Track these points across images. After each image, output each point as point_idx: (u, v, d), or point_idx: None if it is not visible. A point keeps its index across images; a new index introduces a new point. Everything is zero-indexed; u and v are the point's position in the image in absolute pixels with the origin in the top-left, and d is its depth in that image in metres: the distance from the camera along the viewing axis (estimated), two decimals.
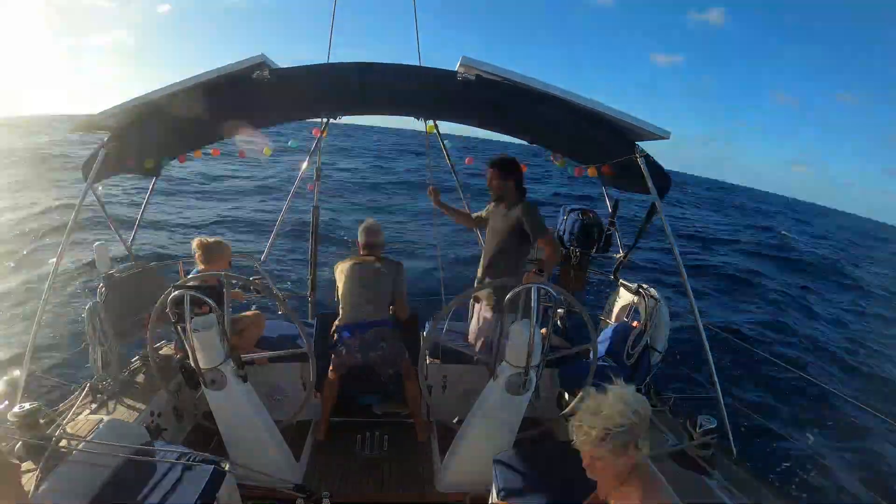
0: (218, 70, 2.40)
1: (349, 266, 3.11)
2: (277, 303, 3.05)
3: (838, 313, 12.00)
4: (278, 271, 9.95)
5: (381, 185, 23.70)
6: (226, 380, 2.43)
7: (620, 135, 2.72)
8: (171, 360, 3.24)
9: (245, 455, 2.55)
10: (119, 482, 1.96)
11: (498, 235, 3.05)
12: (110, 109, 2.53)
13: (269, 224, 7.64)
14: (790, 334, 9.62)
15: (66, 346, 6.52)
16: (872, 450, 5.90)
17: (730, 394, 6.73)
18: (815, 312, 11.48)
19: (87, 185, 2.75)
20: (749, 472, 2.38)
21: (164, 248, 11.19)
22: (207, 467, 2.01)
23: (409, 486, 2.83)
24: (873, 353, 9.53)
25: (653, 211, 3.12)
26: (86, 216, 7.32)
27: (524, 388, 2.42)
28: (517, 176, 3.05)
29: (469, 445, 2.64)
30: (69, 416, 2.47)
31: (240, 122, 3.29)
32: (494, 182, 3.06)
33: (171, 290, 2.38)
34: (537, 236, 2.88)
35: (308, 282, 4.76)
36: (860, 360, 8.96)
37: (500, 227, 3.04)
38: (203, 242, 3.07)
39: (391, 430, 3.25)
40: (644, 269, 10.57)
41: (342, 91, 2.90)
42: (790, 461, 5.26)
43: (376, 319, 2.99)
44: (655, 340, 3.25)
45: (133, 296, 3.24)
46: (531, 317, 2.34)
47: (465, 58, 2.42)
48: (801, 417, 6.46)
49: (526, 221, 2.89)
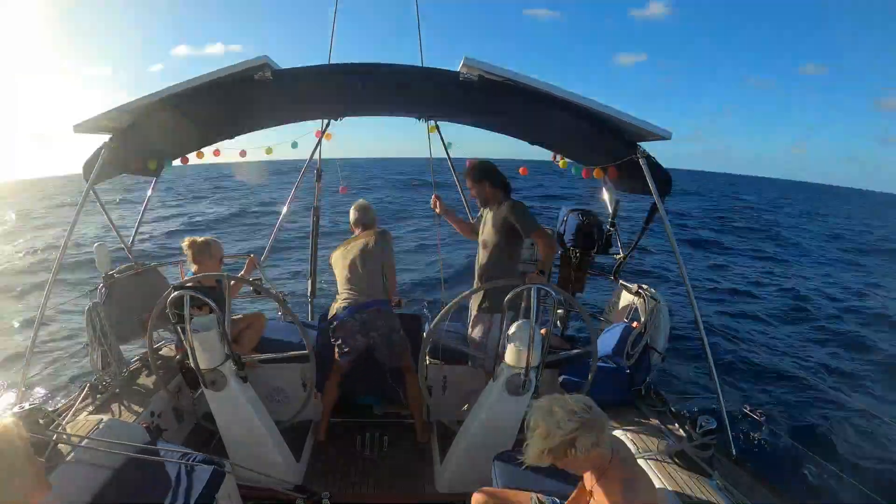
0: (220, 71, 2.40)
1: (340, 252, 3.13)
2: (277, 303, 3.05)
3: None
4: (278, 272, 9.96)
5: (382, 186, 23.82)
6: (226, 380, 2.43)
7: (622, 135, 2.72)
8: (171, 360, 3.24)
9: (245, 455, 2.55)
10: (119, 482, 1.96)
11: (488, 238, 3.04)
12: (112, 110, 2.53)
13: (269, 224, 7.65)
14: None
15: (66, 346, 6.52)
16: (872, 449, 5.90)
17: (730, 394, 6.74)
18: None
19: (88, 185, 2.75)
20: (749, 472, 2.37)
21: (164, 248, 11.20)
22: (207, 468, 2.01)
23: (409, 486, 2.83)
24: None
25: (654, 211, 3.12)
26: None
27: (524, 389, 2.42)
28: (490, 178, 3.01)
29: (469, 445, 2.63)
30: (69, 416, 2.47)
31: (242, 123, 3.29)
32: (473, 190, 3.06)
33: (171, 291, 2.38)
34: (528, 232, 2.85)
35: (308, 282, 4.77)
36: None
37: (490, 230, 3.02)
38: (193, 241, 3.07)
39: (391, 431, 3.25)
40: (651, 276, 10.62)
41: (344, 92, 2.90)
42: (790, 461, 5.26)
43: (373, 300, 2.97)
44: (655, 341, 3.25)
45: (133, 296, 3.24)
46: (531, 317, 2.34)
47: (468, 58, 2.41)
48: (801, 418, 6.46)
49: (514, 220, 2.86)
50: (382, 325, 2.97)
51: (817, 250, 20.23)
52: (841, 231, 29.25)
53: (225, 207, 17.94)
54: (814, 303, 11.70)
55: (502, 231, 2.94)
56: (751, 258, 16.98)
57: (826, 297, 12.37)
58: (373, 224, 3.22)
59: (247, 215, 16.62)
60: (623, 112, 2.54)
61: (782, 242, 21.49)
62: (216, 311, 2.43)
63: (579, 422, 1.40)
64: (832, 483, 5.03)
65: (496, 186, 3.02)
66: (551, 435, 1.40)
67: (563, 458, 1.43)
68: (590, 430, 1.40)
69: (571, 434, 1.39)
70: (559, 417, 1.40)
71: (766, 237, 22.47)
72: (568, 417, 1.40)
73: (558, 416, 1.41)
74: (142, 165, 3.27)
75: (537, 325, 2.35)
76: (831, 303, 11.94)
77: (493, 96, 2.63)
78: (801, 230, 27.54)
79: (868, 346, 9.12)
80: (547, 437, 1.41)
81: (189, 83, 2.41)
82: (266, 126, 3.46)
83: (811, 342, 9.31)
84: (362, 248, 3.05)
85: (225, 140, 3.45)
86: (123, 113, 2.56)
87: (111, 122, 2.64)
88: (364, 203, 3.28)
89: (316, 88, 2.82)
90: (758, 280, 13.63)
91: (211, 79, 2.41)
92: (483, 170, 3.02)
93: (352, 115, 3.62)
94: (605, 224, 3.89)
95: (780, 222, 30.22)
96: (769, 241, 21.42)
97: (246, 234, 14.06)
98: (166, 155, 3.35)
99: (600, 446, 1.43)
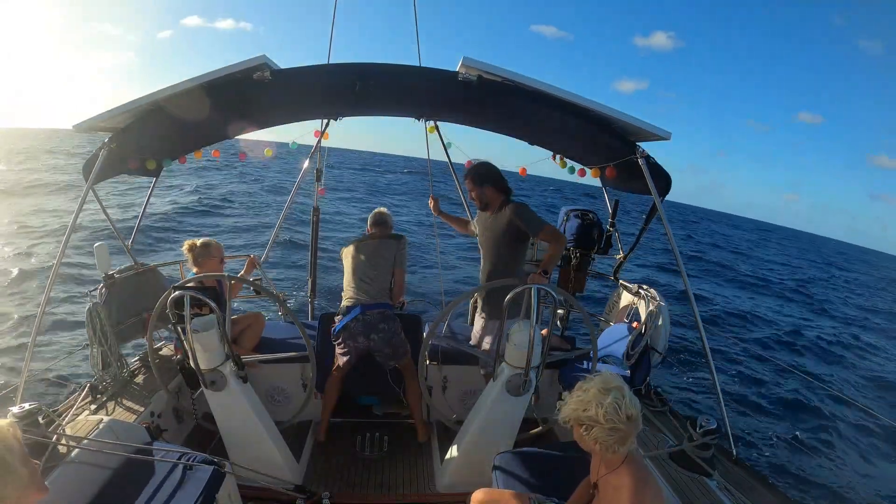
0: (219, 71, 2.40)
1: (352, 247, 3.16)
2: (277, 304, 3.05)
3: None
4: (278, 272, 9.96)
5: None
6: (226, 381, 2.43)
7: (621, 135, 2.72)
8: (170, 360, 3.24)
9: (245, 456, 2.55)
10: (119, 483, 1.96)
11: (491, 241, 2.99)
12: (112, 110, 2.53)
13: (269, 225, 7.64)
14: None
15: (66, 346, 6.52)
16: (872, 449, 5.90)
17: (730, 394, 6.74)
18: None
19: (88, 185, 2.75)
20: (749, 473, 2.38)
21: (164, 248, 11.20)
22: (207, 468, 2.01)
23: (408, 486, 2.83)
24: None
25: (653, 211, 3.12)
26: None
27: (524, 389, 2.42)
28: (493, 180, 2.94)
29: (469, 445, 2.63)
30: (69, 416, 2.47)
31: (241, 123, 3.29)
32: (473, 193, 2.99)
33: (172, 291, 2.38)
34: (536, 232, 2.81)
35: (308, 283, 4.77)
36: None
37: (492, 233, 2.96)
38: (193, 244, 3.09)
39: (391, 431, 3.25)
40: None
41: (343, 92, 2.90)
42: (790, 461, 5.26)
43: (377, 302, 2.99)
44: (656, 341, 3.25)
45: (133, 296, 3.24)
46: (531, 317, 2.34)
47: (467, 58, 2.42)
48: (801, 418, 6.46)
49: (520, 222, 2.81)
50: (384, 328, 2.98)
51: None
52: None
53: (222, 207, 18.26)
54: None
55: (507, 235, 2.87)
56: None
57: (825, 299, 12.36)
58: (389, 227, 3.28)
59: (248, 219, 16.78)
60: (623, 112, 2.54)
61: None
62: (216, 311, 2.43)
63: (613, 423, 1.40)
64: (832, 483, 5.03)
65: (499, 190, 2.94)
66: (586, 411, 1.44)
67: (578, 427, 1.49)
68: (614, 433, 1.41)
69: (599, 424, 1.41)
70: (605, 408, 1.41)
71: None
72: (608, 414, 1.41)
73: (606, 404, 1.41)
74: (141, 165, 3.27)
75: (537, 325, 2.35)
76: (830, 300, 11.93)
77: (492, 96, 2.64)
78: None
79: (868, 344, 9.13)
80: (580, 409, 1.45)
81: (188, 83, 2.41)
82: (265, 126, 3.46)
83: (811, 341, 9.33)
84: (374, 250, 3.08)
85: (224, 140, 3.45)
86: (123, 113, 2.56)
87: (110, 121, 2.65)
88: (382, 210, 3.36)
89: (315, 88, 2.82)
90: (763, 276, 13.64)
91: (210, 79, 2.41)
92: (485, 173, 2.95)
93: (351, 115, 3.62)
94: (605, 224, 3.90)
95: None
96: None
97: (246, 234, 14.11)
98: (165, 155, 3.35)
99: (617, 451, 1.44)
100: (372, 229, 3.27)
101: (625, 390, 1.46)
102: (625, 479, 1.47)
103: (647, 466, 1.60)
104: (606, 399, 1.41)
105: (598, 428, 1.42)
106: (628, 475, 1.46)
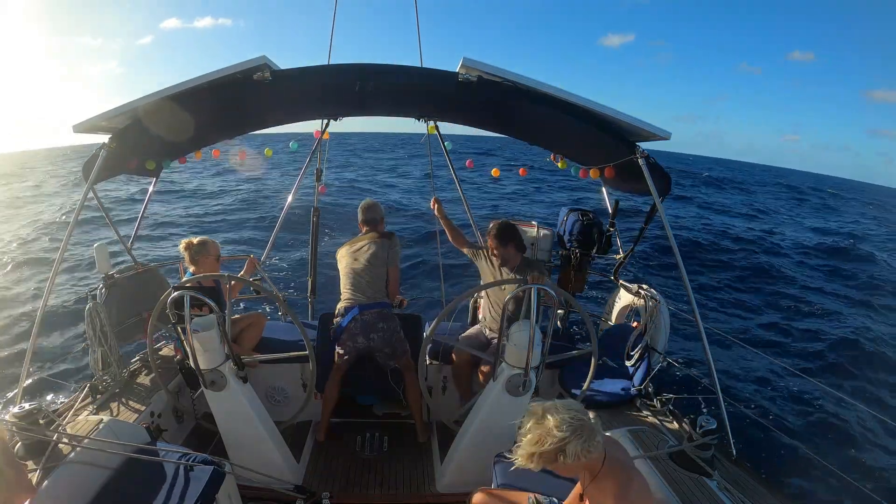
0: (219, 71, 2.40)
1: (345, 250, 3.16)
2: (277, 304, 3.05)
3: None
4: (278, 272, 9.95)
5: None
6: (226, 381, 2.43)
7: (621, 135, 2.72)
8: (171, 360, 3.24)
9: (245, 456, 2.55)
10: (119, 483, 1.96)
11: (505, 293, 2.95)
12: (111, 111, 2.53)
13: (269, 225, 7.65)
14: None
15: (66, 346, 6.52)
16: (873, 449, 5.90)
17: (730, 394, 6.73)
18: None
19: (88, 185, 2.75)
20: (749, 473, 2.37)
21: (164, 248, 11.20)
22: (207, 468, 2.01)
23: (409, 486, 2.83)
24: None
25: (653, 211, 3.12)
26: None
27: (524, 389, 2.42)
28: (516, 240, 3.08)
29: (469, 445, 2.64)
30: (69, 416, 2.47)
31: (241, 124, 3.29)
32: (497, 251, 3.08)
33: (172, 291, 2.38)
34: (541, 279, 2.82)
35: (308, 283, 4.77)
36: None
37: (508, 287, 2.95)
38: (189, 242, 3.09)
39: (391, 431, 3.25)
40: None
41: (343, 92, 2.90)
42: (790, 461, 5.25)
43: (375, 302, 2.99)
44: (655, 341, 3.25)
45: (133, 296, 3.25)
46: (531, 317, 2.34)
47: (467, 59, 2.42)
48: (801, 418, 6.46)
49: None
50: (383, 327, 2.98)
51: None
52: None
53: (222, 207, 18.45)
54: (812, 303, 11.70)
55: None
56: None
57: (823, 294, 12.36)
58: (380, 223, 3.25)
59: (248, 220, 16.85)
60: (622, 112, 2.54)
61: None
62: (216, 311, 2.43)
63: (570, 430, 1.40)
64: (832, 483, 5.03)
65: (519, 249, 3.10)
66: (541, 442, 1.41)
67: (552, 462, 1.43)
68: (580, 437, 1.40)
69: (562, 442, 1.39)
70: (551, 426, 1.41)
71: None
72: (559, 426, 1.40)
73: (550, 423, 1.41)
74: (140, 166, 3.27)
75: (537, 325, 2.35)
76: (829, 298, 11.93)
77: (492, 97, 2.64)
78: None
79: (868, 345, 9.12)
80: (537, 443, 1.41)
81: (188, 83, 2.41)
82: (265, 126, 3.47)
83: (811, 341, 9.32)
84: (367, 250, 3.08)
85: (224, 140, 3.46)
86: (122, 113, 2.56)
87: (110, 122, 2.65)
88: (370, 202, 3.32)
89: (315, 89, 2.82)
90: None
91: (210, 79, 2.41)
92: (510, 234, 3.06)
93: (351, 115, 3.63)
94: (605, 224, 3.90)
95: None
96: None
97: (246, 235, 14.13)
98: (165, 155, 3.35)
99: (591, 452, 1.43)
100: (363, 227, 3.26)
101: (549, 403, 1.48)
102: (608, 481, 1.48)
103: (629, 464, 1.61)
104: (548, 418, 1.42)
105: (570, 443, 1.39)
106: (611, 477, 1.48)
